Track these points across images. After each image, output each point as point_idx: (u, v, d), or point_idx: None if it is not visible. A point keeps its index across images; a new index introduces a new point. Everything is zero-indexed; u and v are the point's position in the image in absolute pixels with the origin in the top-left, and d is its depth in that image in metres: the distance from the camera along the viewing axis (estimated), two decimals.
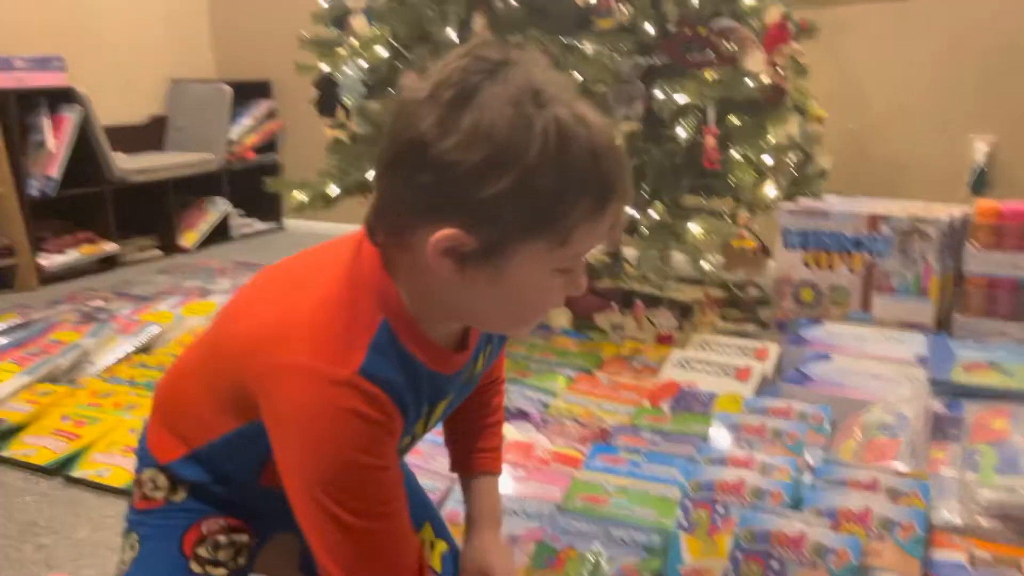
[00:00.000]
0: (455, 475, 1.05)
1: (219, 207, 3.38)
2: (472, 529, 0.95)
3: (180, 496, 0.85)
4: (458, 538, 0.97)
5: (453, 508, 1.22)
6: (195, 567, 0.83)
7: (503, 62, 0.64)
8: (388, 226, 0.69)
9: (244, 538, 0.86)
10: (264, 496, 0.83)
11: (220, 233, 3.37)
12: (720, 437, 1.37)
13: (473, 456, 0.97)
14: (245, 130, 3.50)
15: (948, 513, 1.15)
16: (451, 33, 1.89)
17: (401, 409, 0.71)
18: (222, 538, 0.85)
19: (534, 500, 1.24)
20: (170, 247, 3.22)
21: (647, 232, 1.89)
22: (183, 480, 0.84)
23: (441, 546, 0.96)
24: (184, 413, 0.84)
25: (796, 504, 1.15)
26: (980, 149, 2.42)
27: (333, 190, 1.97)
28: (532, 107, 0.63)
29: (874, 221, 1.78)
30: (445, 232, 0.65)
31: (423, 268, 0.68)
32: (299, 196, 2.06)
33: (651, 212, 1.92)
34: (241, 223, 3.50)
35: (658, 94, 1.85)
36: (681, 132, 1.91)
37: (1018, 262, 1.65)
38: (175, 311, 2.30)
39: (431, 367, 0.74)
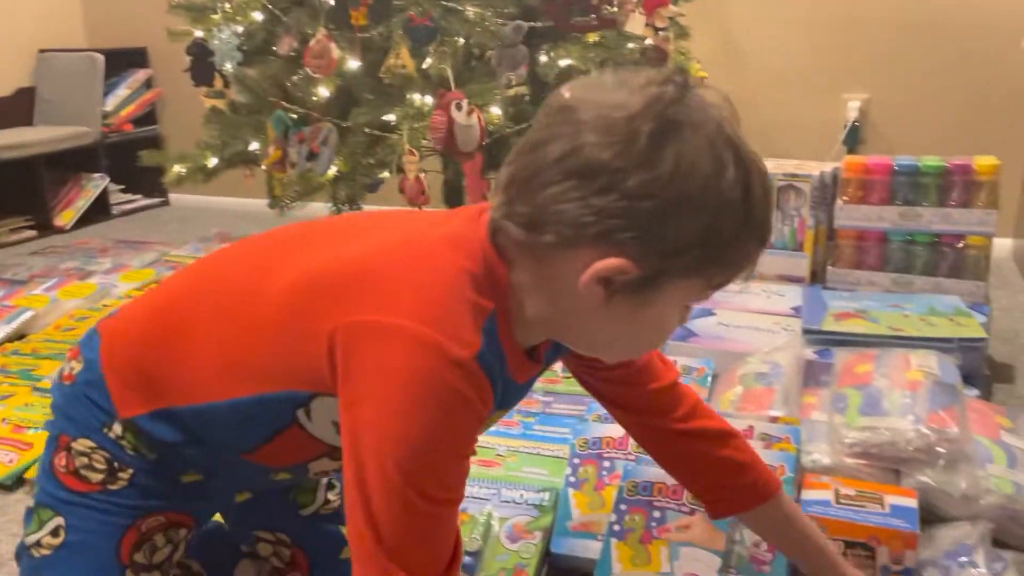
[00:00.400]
0: None
1: (97, 183, 3.21)
2: (822, 562, 0.93)
3: (119, 484, 0.78)
4: None
5: None
6: None
7: (689, 90, 0.64)
8: (535, 234, 0.66)
9: (182, 532, 0.82)
10: (238, 468, 0.79)
11: (99, 211, 3.21)
12: None
13: (754, 478, 0.92)
14: (121, 101, 3.33)
15: (818, 455, 1.22)
16: None
17: (494, 404, 0.69)
18: (159, 538, 0.80)
19: None
20: (45, 227, 3.05)
21: None
22: (147, 438, 0.77)
23: None
24: (174, 372, 0.76)
25: None
26: (853, 107, 2.53)
27: (212, 162, 1.90)
28: (724, 149, 0.64)
29: None
30: (613, 262, 0.64)
31: (557, 284, 0.68)
32: (177, 169, 1.98)
33: None
34: (122, 200, 3.34)
35: (542, 58, 1.85)
36: None
37: (884, 215, 1.74)
38: (51, 294, 2.18)
39: (510, 371, 0.72)
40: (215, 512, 0.87)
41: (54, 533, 0.78)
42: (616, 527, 1.06)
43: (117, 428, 0.78)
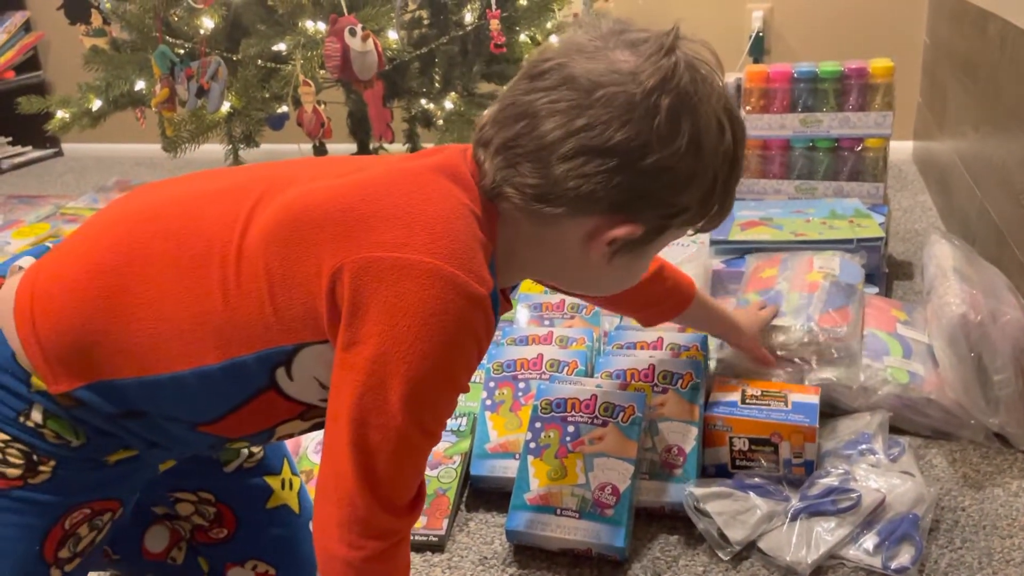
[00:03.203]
0: None
1: None
2: (722, 326, 1.17)
3: (40, 477, 0.69)
4: None
5: None
6: (55, 574, 0.72)
7: (693, 61, 0.68)
8: (544, 205, 0.68)
9: (107, 516, 0.75)
10: (184, 442, 0.73)
11: None
12: (523, 318, 1.41)
13: (672, 295, 1.07)
14: None
15: (725, 359, 1.25)
16: None
17: (488, 331, 0.69)
18: (83, 530, 0.73)
19: None
20: None
21: (443, 124, 1.86)
22: (74, 421, 0.68)
23: (297, 482, 0.94)
24: (121, 339, 0.67)
25: (591, 371, 1.21)
26: (756, 17, 2.53)
27: (96, 104, 1.79)
28: (723, 114, 0.69)
29: None
30: (625, 229, 0.69)
31: (557, 243, 0.71)
32: (61, 115, 1.86)
33: (446, 103, 1.89)
34: (10, 152, 3.15)
35: None
36: (467, 17, 1.87)
37: (786, 123, 1.76)
38: None
39: (501, 308, 0.74)
40: (140, 487, 0.80)
41: None
42: (532, 445, 1.07)
43: (36, 415, 0.68)
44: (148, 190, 0.77)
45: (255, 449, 0.91)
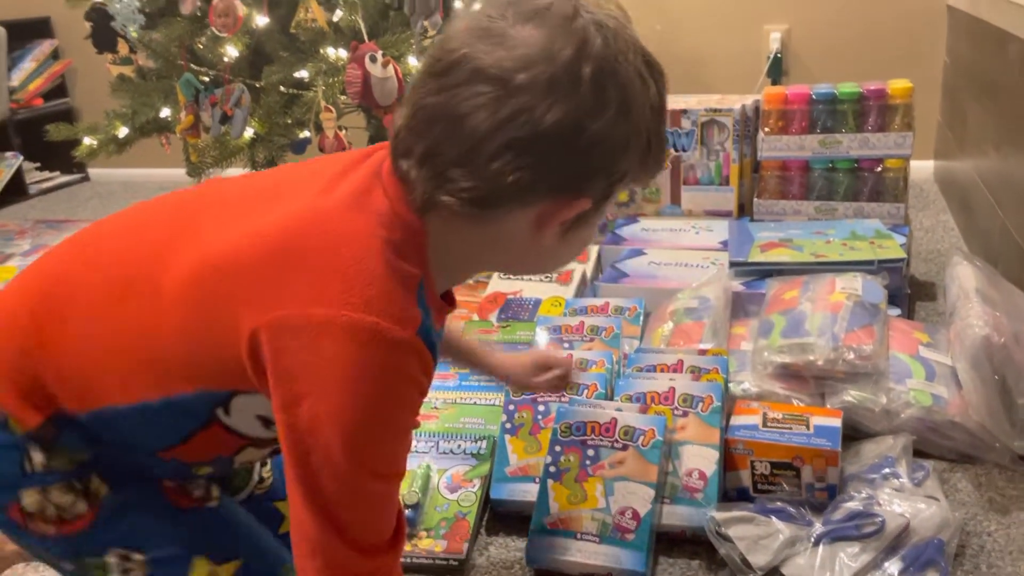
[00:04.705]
0: None
1: (9, 163, 3.07)
2: (490, 364, 1.02)
3: (103, 490, 0.71)
4: None
5: None
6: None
7: (606, 17, 0.63)
8: (484, 205, 0.64)
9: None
10: (148, 465, 0.73)
11: (15, 191, 3.07)
12: (542, 341, 1.41)
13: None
14: (28, 75, 3.17)
15: (748, 384, 1.24)
16: None
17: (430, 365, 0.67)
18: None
19: None
20: None
21: None
22: (60, 446, 0.69)
23: None
24: (61, 373, 0.68)
25: (611, 394, 1.21)
26: (774, 38, 2.54)
27: (123, 132, 1.83)
28: (643, 67, 0.65)
29: (676, 116, 1.84)
30: (577, 206, 0.66)
31: (503, 238, 0.67)
32: (88, 142, 1.90)
33: None
34: (39, 178, 3.21)
35: (456, 3, 1.81)
36: None
37: (805, 143, 1.76)
38: None
39: (437, 326, 0.70)
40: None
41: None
42: (552, 468, 1.07)
43: (37, 458, 0.69)
44: (96, 224, 0.76)
45: (265, 474, 0.91)
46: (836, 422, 1.09)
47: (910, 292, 1.56)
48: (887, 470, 1.09)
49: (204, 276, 0.65)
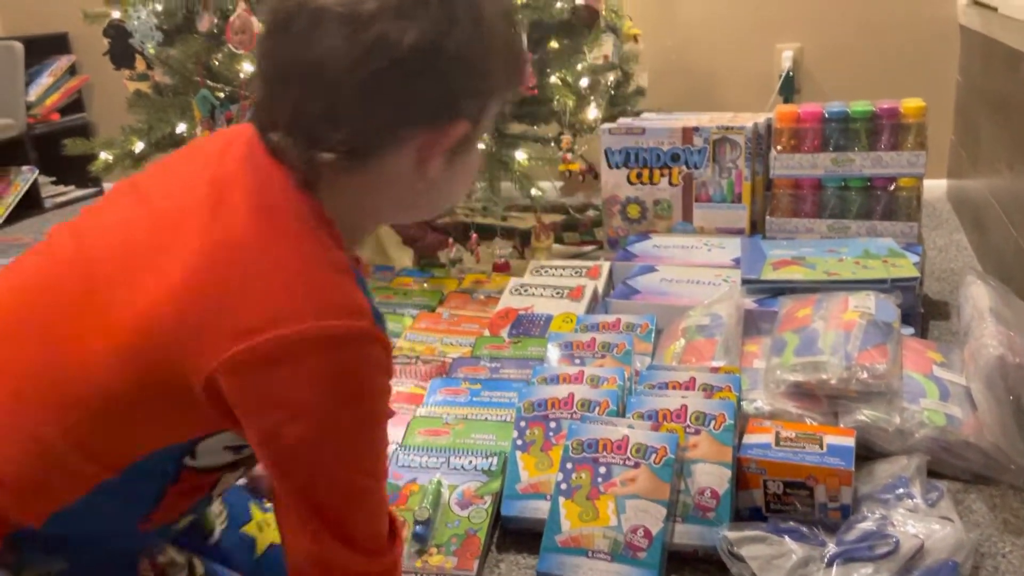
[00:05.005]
0: None
1: (26, 177, 3.11)
2: None
3: None
4: None
5: None
6: None
7: None
8: (363, 153, 0.62)
9: None
10: (135, 542, 0.72)
11: (30, 204, 3.10)
12: (554, 357, 1.41)
13: None
14: (45, 90, 3.21)
15: (760, 402, 1.24)
16: None
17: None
18: None
19: None
20: None
21: None
22: (28, 565, 0.64)
23: (269, 516, 0.93)
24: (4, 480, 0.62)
25: (623, 411, 1.21)
26: (786, 57, 2.55)
27: (139, 147, 1.84)
28: None
29: (688, 134, 1.85)
30: (455, 131, 0.64)
31: (390, 182, 0.65)
32: (104, 157, 1.92)
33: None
34: (54, 192, 3.24)
35: None
36: None
37: (817, 162, 1.76)
38: None
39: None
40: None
41: None
42: (563, 486, 1.07)
43: None
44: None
45: (219, 508, 0.90)
46: (849, 441, 1.09)
47: (923, 311, 1.55)
48: (901, 490, 1.08)
49: (132, 347, 0.60)
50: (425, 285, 1.92)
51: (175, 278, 0.60)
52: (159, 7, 1.82)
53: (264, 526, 0.92)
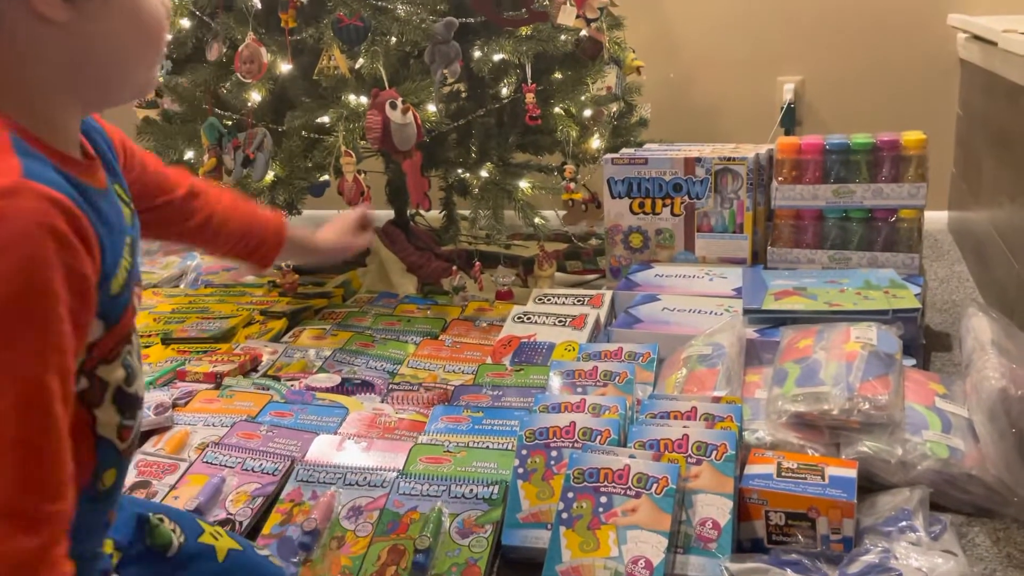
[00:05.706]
0: (292, 454, 0.99)
1: None
2: (314, 242, 1.11)
3: None
4: None
5: (293, 486, 1.20)
6: None
7: None
8: None
9: None
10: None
11: None
12: (556, 385, 1.41)
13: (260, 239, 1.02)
14: None
15: (762, 432, 1.24)
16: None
17: (91, 225, 0.58)
18: None
19: (378, 470, 1.24)
20: None
21: (478, 192, 1.90)
22: None
23: (218, 528, 0.93)
24: None
25: (624, 440, 1.21)
26: (788, 89, 2.57)
27: None
28: None
29: (690, 164, 1.86)
30: None
31: (23, 48, 0.59)
32: None
33: (482, 172, 1.94)
34: None
35: (476, 53, 1.85)
36: (503, 90, 1.93)
37: (818, 193, 1.77)
38: None
39: (84, 179, 0.63)
40: None
41: None
42: (564, 515, 1.07)
43: None
44: None
45: (172, 525, 0.89)
46: (852, 473, 1.08)
47: (925, 343, 1.55)
48: (904, 523, 1.08)
49: None
50: (428, 312, 1.92)
51: None
52: (169, 36, 1.84)
53: (217, 535, 0.91)
